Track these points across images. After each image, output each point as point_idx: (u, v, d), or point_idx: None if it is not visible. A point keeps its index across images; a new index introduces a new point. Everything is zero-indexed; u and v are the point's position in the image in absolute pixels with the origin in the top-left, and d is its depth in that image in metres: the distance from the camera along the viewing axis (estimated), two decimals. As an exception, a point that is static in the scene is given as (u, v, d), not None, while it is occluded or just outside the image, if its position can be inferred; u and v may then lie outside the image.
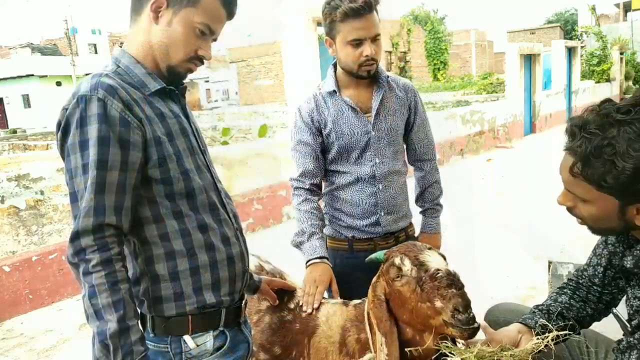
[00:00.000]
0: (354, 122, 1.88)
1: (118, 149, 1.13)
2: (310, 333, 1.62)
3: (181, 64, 1.27)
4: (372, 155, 1.90)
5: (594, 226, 1.27)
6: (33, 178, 4.09)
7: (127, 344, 1.10)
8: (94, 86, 1.15)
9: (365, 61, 1.79)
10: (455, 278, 1.28)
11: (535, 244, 4.68)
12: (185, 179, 1.24)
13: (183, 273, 1.24)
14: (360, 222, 1.93)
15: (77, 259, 1.10)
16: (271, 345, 1.67)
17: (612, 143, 1.12)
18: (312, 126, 1.92)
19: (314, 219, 1.89)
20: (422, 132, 2.05)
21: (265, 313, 1.74)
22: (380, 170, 1.91)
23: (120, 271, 1.12)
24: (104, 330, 1.08)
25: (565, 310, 1.47)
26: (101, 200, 1.11)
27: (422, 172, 2.11)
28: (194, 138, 1.31)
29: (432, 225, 2.10)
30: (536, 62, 13.13)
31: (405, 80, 2.03)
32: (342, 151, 1.90)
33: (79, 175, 1.12)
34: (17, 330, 3.73)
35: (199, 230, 1.25)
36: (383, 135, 1.90)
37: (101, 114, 1.12)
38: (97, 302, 1.09)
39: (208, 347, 1.27)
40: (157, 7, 1.22)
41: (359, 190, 1.92)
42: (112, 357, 1.08)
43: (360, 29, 1.74)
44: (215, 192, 1.33)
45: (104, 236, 1.11)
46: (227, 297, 1.30)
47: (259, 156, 6.00)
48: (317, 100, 1.93)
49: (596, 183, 1.16)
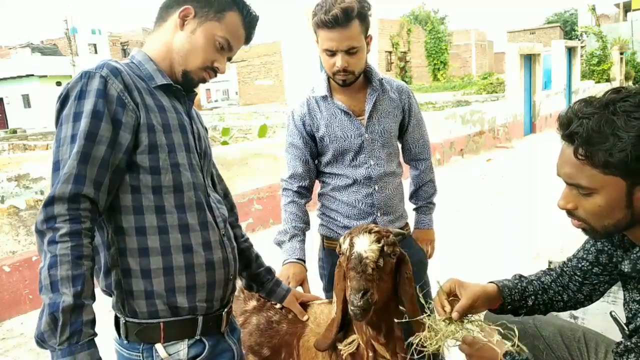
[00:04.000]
0: (347, 126, 1.90)
1: (110, 126, 1.14)
2: (299, 333, 1.61)
3: (196, 71, 1.32)
4: (366, 157, 1.92)
5: (597, 225, 1.20)
6: (33, 178, 4.09)
7: (78, 322, 1.04)
8: (100, 65, 1.18)
9: (337, 71, 1.80)
10: (360, 261, 1.31)
11: (535, 244, 4.68)
12: (174, 171, 1.23)
13: (155, 271, 1.20)
14: (356, 222, 1.94)
15: (45, 226, 1.07)
16: (260, 347, 1.65)
17: (610, 118, 1.09)
18: (304, 130, 1.94)
19: (298, 221, 1.94)
20: (418, 132, 2.08)
21: (252, 314, 1.72)
22: (376, 172, 1.93)
23: (86, 247, 1.08)
24: (57, 302, 1.02)
25: (541, 291, 1.48)
26: (83, 170, 1.10)
27: (417, 171, 2.14)
28: (191, 137, 1.31)
29: (425, 222, 2.16)
30: (536, 62, 13.13)
31: (400, 82, 2.04)
32: (336, 154, 1.92)
33: (66, 144, 1.12)
34: (17, 330, 3.72)
35: (178, 230, 1.23)
36: (376, 138, 1.92)
37: (101, 89, 1.15)
38: (56, 273, 1.04)
39: (181, 356, 1.23)
40: (184, 15, 1.28)
41: (355, 191, 1.94)
42: (58, 332, 1.02)
43: (331, 40, 1.74)
44: (204, 194, 1.31)
45: (78, 208, 1.08)
46: (203, 303, 1.26)
47: (259, 156, 6.00)
48: (310, 104, 1.95)
49: (602, 164, 1.10)
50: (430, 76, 32.29)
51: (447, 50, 33.10)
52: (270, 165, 6.08)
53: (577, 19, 33.80)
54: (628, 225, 1.18)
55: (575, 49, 15.88)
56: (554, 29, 39.25)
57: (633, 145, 1.06)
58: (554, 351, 1.52)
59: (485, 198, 6.53)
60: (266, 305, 1.72)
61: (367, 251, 1.34)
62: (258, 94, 29.79)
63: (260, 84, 29.96)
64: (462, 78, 29.52)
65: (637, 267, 1.21)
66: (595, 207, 1.15)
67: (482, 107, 11.48)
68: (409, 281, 1.43)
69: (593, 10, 24.97)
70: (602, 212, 1.16)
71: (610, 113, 1.09)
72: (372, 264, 1.32)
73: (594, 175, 1.13)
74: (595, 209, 1.16)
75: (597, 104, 1.12)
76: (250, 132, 12.24)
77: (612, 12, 38.03)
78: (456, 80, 28.59)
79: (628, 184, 1.11)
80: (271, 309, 1.70)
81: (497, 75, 21.15)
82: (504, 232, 5.07)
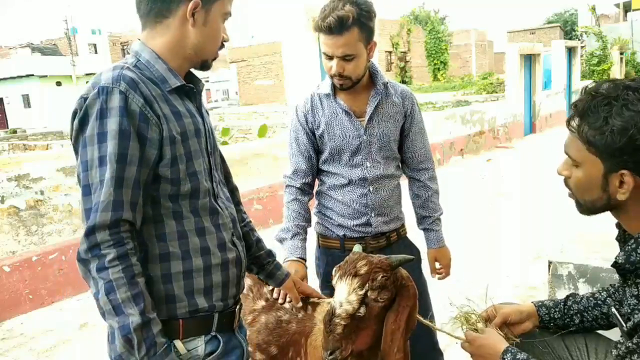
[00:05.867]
0: (346, 125, 1.91)
1: (137, 144, 1.12)
2: (307, 332, 1.61)
3: (214, 54, 1.31)
4: (362, 159, 1.92)
5: (579, 198, 1.26)
6: (33, 178, 4.09)
7: (150, 336, 1.09)
8: (116, 78, 1.13)
9: (333, 75, 1.81)
10: (330, 320, 1.31)
11: (535, 244, 4.68)
12: (192, 180, 1.23)
13: (176, 276, 1.22)
14: (350, 221, 1.95)
15: (90, 254, 1.08)
16: (267, 345, 1.66)
17: (611, 102, 1.14)
18: (306, 126, 1.96)
19: (300, 219, 1.96)
20: (420, 140, 2.04)
21: (261, 313, 1.73)
22: (371, 173, 1.93)
23: (136, 265, 1.10)
24: (126, 324, 1.06)
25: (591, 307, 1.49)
26: (119, 195, 1.09)
27: (420, 183, 2.07)
28: (204, 140, 1.30)
29: (440, 239, 2.10)
30: (536, 62, 13.13)
31: (404, 87, 2.04)
32: (333, 152, 1.94)
33: (95, 167, 1.10)
34: (17, 330, 3.72)
35: (196, 234, 1.24)
36: (374, 140, 1.92)
37: (122, 107, 1.11)
38: (116, 297, 1.06)
39: (199, 352, 1.25)
40: (193, 9, 1.21)
41: (350, 191, 1.95)
42: (136, 350, 1.07)
43: (327, 45, 1.76)
44: (215, 196, 1.32)
45: (119, 231, 1.09)
46: (219, 302, 1.28)
47: (259, 156, 6.00)
48: (314, 100, 1.97)
49: (586, 140, 1.18)
50: (430, 76, 32.29)
51: (447, 50, 33.10)
52: (270, 165, 6.08)
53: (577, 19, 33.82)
54: (605, 207, 1.23)
55: (575, 49, 15.88)
56: (554, 29, 39.23)
57: (614, 135, 1.12)
58: (554, 351, 1.52)
59: (485, 198, 6.53)
60: (275, 305, 1.73)
61: (344, 304, 1.31)
62: (258, 94, 29.80)
63: (260, 84, 29.97)
64: (462, 78, 29.51)
65: (631, 258, 1.21)
66: (578, 179, 1.24)
67: (482, 107, 11.48)
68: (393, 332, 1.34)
69: (593, 10, 24.96)
70: (582, 186, 1.24)
71: (614, 97, 1.14)
72: (344, 320, 1.30)
73: (580, 150, 1.21)
74: (578, 181, 1.24)
75: (613, 85, 1.18)
76: (250, 132, 12.25)
77: (612, 12, 38.03)
78: (456, 81, 28.59)
79: (605, 168, 1.17)
80: (281, 309, 1.71)
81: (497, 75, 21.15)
82: (504, 232, 5.07)
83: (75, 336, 3.59)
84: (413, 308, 1.40)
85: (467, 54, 38.44)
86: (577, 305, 1.50)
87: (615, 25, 25.74)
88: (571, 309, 1.50)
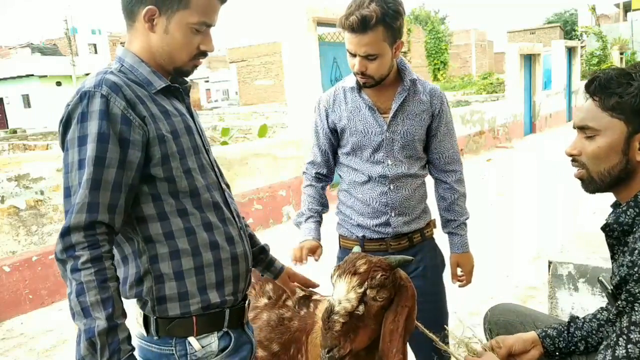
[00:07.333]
0: (369, 121, 1.86)
1: (117, 147, 1.12)
2: (308, 330, 1.62)
3: (186, 64, 1.28)
4: (384, 156, 1.87)
5: (594, 170, 1.30)
6: (33, 178, 4.09)
7: (115, 342, 1.08)
8: (98, 83, 1.15)
9: (356, 73, 1.78)
10: (329, 317, 1.31)
11: (535, 244, 4.68)
12: (188, 177, 1.23)
13: (188, 272, 1.23)
14: (370, 221, 1.91)
15: (65, 255, 1.09)
16: (269, 342, 1.67)
17: (629, 73, 1.23)
18: (326, 122, 1.94)
19: (314, 203, 2.01)
20: (448, 141, 1.96)
21: (263, 310, 1.75)
22: (392, 171, 1.87)
23: (109, 269, 1.11)
24: (91, 327, 1.06)
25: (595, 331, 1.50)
26: (95, 197, 1.10)
27: (446, 185, 2.00)
28: (198, 137, 1.31)
29: (465, 244, 2.02)
30: (536, 62, 13.13)
31: (434, 86, 1.96)
32: (355, 147, 1.89)
33: (75, 170, 1.12)
34: (17, 330, 3.73)
35: (203, 229, 1.25)
36: (397, 138, 1.86)
37: (103, 110, 1.12)
38: (85, 300, 1.07)
39: (213, 348, 1.26)
40: (149, 17, 1.20)
41: (370, 189, 1.90)
42: (98, 355, 1.07)
43: (350, 43, 1.72)
44: (219, 191, 1.33)
45: (95, 233, 1.10)
46: (230, 296, 1.30)
47: (259, 156, 6.00)
48: (337, 94, 1.93)
49: (610, 106, 1.23)
50: (431, 76, 32.27)
51: (447, 50, 33.10)
52: (270, 165, 6.08)
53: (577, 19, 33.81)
54: (619, 176, 1.27)
55: (575, 49, 15.87)
56: (554, 29, 39.23)
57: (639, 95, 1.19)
58: (554, 352, 1.52)
59: (485, 198, 6.53)
60: (278, 302, 1.74)
61: (343, 301, 1.31)
62: (258, 94, 29.79)
63: (260, 84, 29.96)
64: (462, 78, 29.54)
65: (620, 219, 1.26)
66: (596, 148, 1.28)
67: (482, 107, 11.48)
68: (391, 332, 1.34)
69: (593, 10, 24.96)
70: (600, 155, 1.28)
71: (630, 69, 1.24)
72: (343, 318, 1.30)
73: (602, 117, 1.26)
74: (595, 150, 1.28)
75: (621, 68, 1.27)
76: (250, 132, 12.25)
77: (612, 12, 38.01)
78: (456, 80, 28.61)
79: (629, 129, 1.23)
80: (284, 307, 1.72)
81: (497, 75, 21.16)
82: (504, 232, 5.07)
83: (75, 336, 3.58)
84: (412, 309, 1.40)
85: (467, 54, 38.45)
86: (580, 331, 1.51)
87: (615, 25, 25.74)
88: (575, 336, 1.51)
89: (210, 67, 47.53)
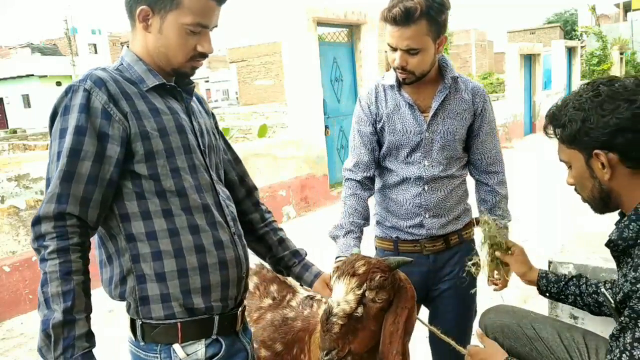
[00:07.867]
0: (408, 120, 1.79)
1: (94, 140, 1.13)
2: (311, 330, 1.62)
3: (184, 65, 1.27)
4: (421, 156, 1.80)
5: (584, 195, 1.34)
6: (33, 178, 4.09)
7: (70, 337, 1.07)
8: (84, 78, 1.17)
9: (396, 68, 1.71)
10: (327, 318, 1.29)
11: (535, 244, 4.67)
12: (174, 176, 1.21)
13: (170, 274, 1.20)
14: (403, 222, 1.86)
15: (36, 244, 1.10)
16: (272, 342, 1.67)
17: (567, 102, 1.28)
18: (370, 118, 1.85)
19: (357, 216, 1.82)
20: (490, 142, 1.89)
21: (267, 310, 1.75)
22: (428, 172, 1.81)
23: (75, 262, 1.09)
24: (48, 319, 1.06)
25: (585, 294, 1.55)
26: (66, 188, 1.10)
27: (487, 187, 1.93)
28: (192, 136, 1.28)
29: None
30: (536, 62, 13.14)
31: (476, 84, 1.89)
32: (391, 147, 1.83)
33: (54, 162, 1.13)
34: (17, 330, 3.73)
35: (189, 231, 1.22)
36: (437, 138, 1.79)
37: (83, 104, 1.13)
38: (47, 291, 1.07)
39: (199, 356, 1.23)
40: (144, 17, 1.21)
41: (404, 190, 1.84)
42: (52, 348, 1.06)
43: (392, 37, 1.66)
44: (211, 192, 1.29)
45: (64, 225, 1.09)
46: (219, 302, 1.26)
47: (259, 156, 6.00)
48: (378, 91, 1.86)
49: (561, 139, 1.29)
50: (430, 76, 32.21)
51: (447, 50, 33.05)
52: (270, 165, 6.08)
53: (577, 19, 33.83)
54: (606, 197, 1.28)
55: (575, 49, 15.89)
56: (554, 29, 39.22)
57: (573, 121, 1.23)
58: (553, 353, 1.52)
59: (485, 198, 6.52)
60: (282, 303, 1.74)
61: (341, 303, 1.30)
62: (258, 94, 29.78)
63: (260, 84, 29.96)
64: (462, 78, 29.46)
65: (623, 234, 1.25)
66: (575, 179, 1.32)
67: (482, 107, 11.46)
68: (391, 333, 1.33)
69: (593, 10, 24.97)
70: (580, 184, 1.32)
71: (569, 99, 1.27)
72: (341, 320, 1.29)
73: (563, 150, 1.32)
74: (575, 180, 1.33)
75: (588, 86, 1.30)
76: (250, 132, 12.26)
77: (612, 12, 38.02)
78: (456, 80, 28.51)
79: (584, 156, 1.26)
80: (287, 307, 1.72)
81: (497, 75, 21.17)
82: (504, 232, 5.06)
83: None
84: (412, 310, 1.39)
85: (467, 54, 38.44)
86: (577, 288, 1.57)
87: (615, 25, 25.73)
88: (569, 291, 1.59)
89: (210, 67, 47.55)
